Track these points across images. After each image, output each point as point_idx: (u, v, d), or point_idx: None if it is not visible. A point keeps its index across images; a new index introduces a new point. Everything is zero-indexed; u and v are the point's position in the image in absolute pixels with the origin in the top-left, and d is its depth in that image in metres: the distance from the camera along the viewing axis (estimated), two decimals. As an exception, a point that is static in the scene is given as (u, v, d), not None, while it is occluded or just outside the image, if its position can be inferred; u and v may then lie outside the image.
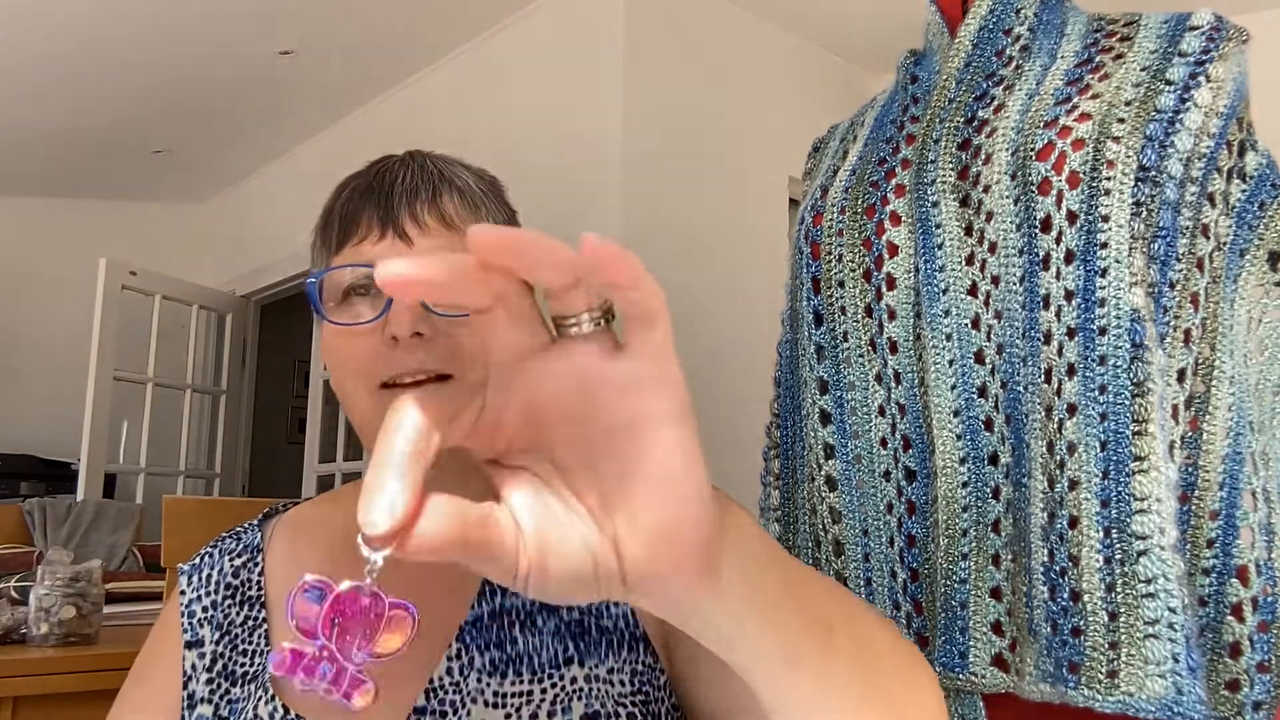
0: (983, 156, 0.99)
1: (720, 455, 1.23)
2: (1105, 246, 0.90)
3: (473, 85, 3.02)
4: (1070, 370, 0.90)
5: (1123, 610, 0.84)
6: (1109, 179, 0.90)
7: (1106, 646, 0.84)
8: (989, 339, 0.98)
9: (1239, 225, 0.97)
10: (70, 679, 1.43)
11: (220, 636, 0.72)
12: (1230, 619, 0.88)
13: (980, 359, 0.98)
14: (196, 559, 0.78)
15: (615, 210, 2.45)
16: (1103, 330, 0.89)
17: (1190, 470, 0.91)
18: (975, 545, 0.96)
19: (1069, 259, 0.91)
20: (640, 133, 2.51)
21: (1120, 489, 0.86)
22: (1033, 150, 0.94)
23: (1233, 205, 0.97)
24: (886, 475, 1.05)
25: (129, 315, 3.73)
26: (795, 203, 2.81)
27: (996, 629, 0.94)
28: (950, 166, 1.02)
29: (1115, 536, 0.85)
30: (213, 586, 0.75)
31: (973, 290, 0.99)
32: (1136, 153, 0.91)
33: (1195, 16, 0.99)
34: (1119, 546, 0.85)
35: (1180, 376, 0.92)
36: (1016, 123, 0.97)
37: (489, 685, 0.64)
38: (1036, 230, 0.93)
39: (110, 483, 3.80)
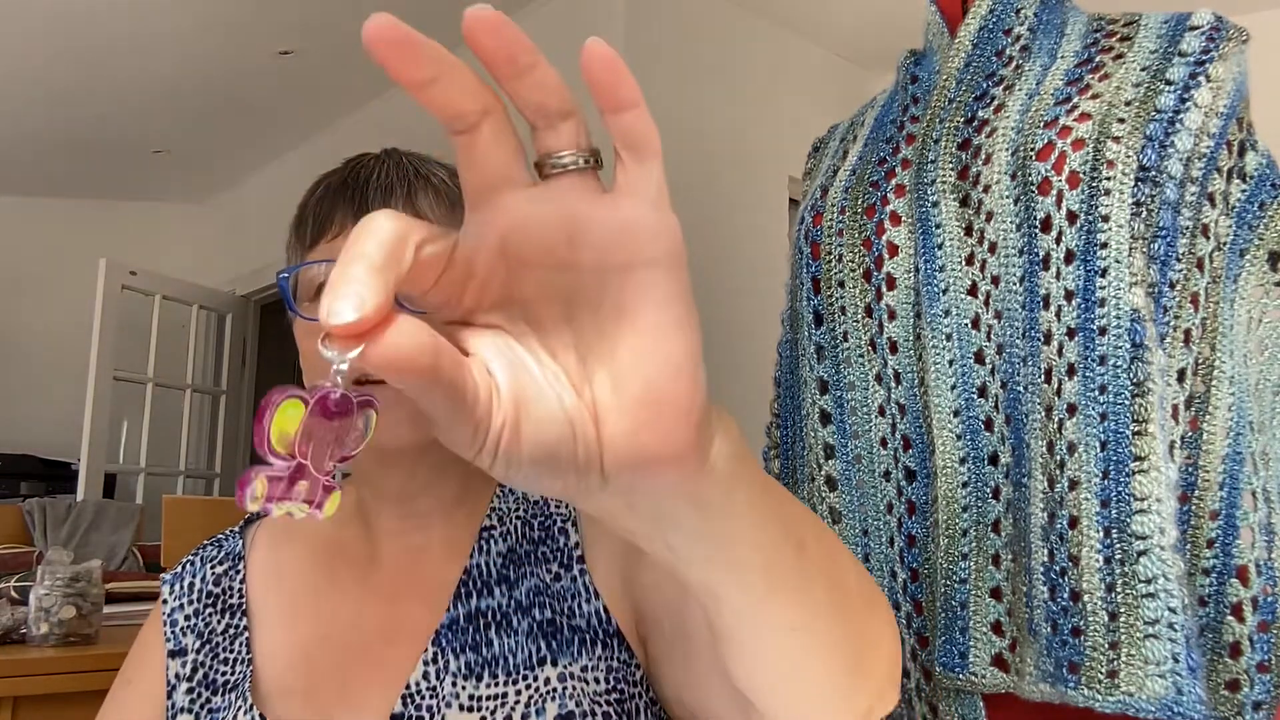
0: (983, 156, 0.99)
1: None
2: (1105, 246, 0.90)
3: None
4: (1070, 370, 0.90)
5: (1123, 610, 0.84)
6: (1109, 179, 0.90)
7: (1106, 646, 0.84)
8: (989, 339, 0.98)
9: (1239, 225, 0.97)
10: (70, 679, 1.43)
11: (201, 645, 0.72)
12: (1230, 619, 0.88)
13: (980, 359, 0.98)
14: (179, 567, 0.78)
15: (615, 210, 2.45)
16: (1103, 330, 0.89)
17: (1190, 470, 0.91)
18: (975, 545, 0.96)
19: (1069, 259, 0.91)
20: (640, 133, 2.51)
21: (1120, 489, 0.86)
22: (1033, 150, 0.94)
23: (1233, 205, 0.97)
24: (886, 475, 1.05)
25: (129, 315, 3.73)
26: (795, 203, 2.81)
27: (996, 629, 0.94)
28: (950, 166, 1.02)
29: (1115, 536, 0.85)
30: (196, 595, 0.75)
31: (973, 290, 0.99)
32: (1136, 153, 0.91)
33: (1195, 16, 0.99)
34: (1119, 546, 0.85)
35: (1180, 376, 0.92)
36: (1016, 122, 0.97)
37: (464, 688, 0.64)
38: (1036, 230, 0.93)
39: (110, 483, 3.80)
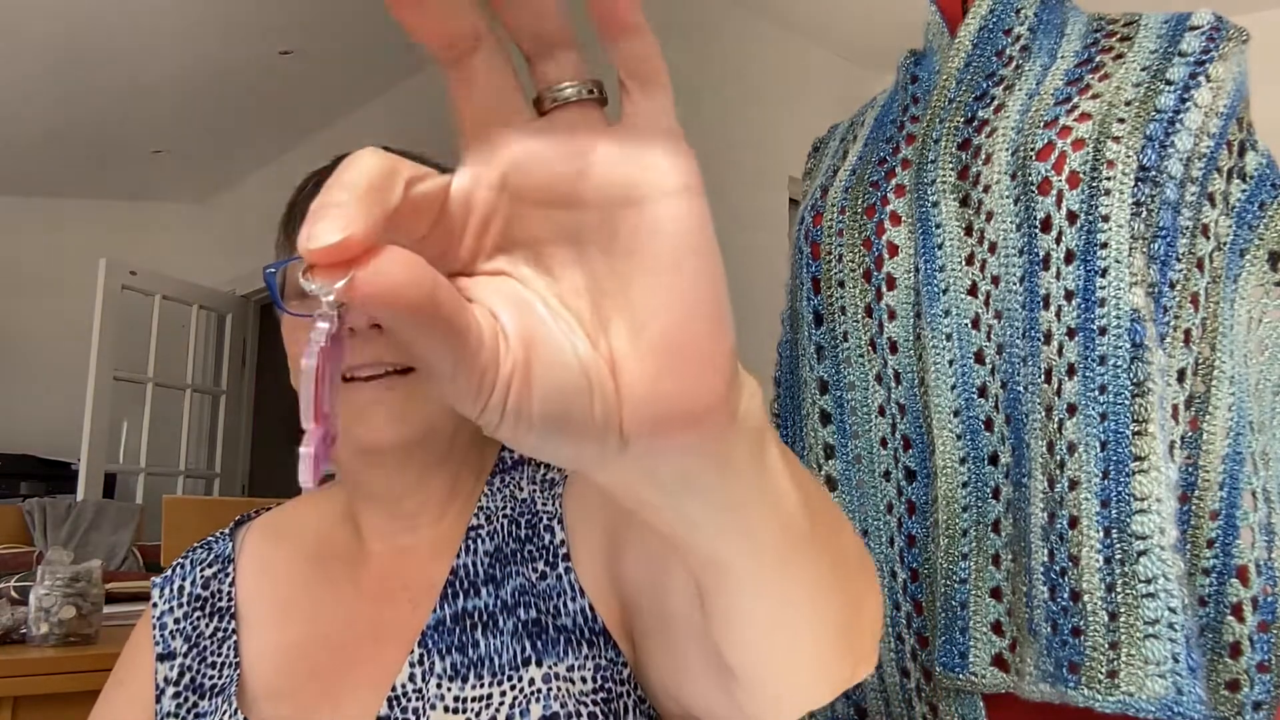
0: (983, 156, 0.99)
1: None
2: (1105, 246, 0.90)
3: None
4: (1070, 370, 0.90)
5: (1123, 610, 0.84)
6: (1109, 179, 0.90)
7: (1106, 646, 0.84)
8: (989, 339, 0.98)
9: (1239, 225, 0.97)
10: (70, 679, 1.43)
11: (189, 649, 0.72)
12: (1230, 619, 0.88)
13: (980, 359, 0.98)
14: (169, 570, 0.78)
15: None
16: (1103, 330, 0.89)
17: (1190, 470, 0.91)
18: (975, 545, 0.96)
19: (1069, 259, 0.91)
20: (640, 133, 2.51)
21: (1120, 489, 0.86)
22: (1033, 150, 0.94)
23: (1233, 205, 0.97)
24: (886, 475, 1.05)
25: (129, 315, 3.73)
26: (795, 203, 2.81)
27: (996, 629, 0.94)
28: (950, 166, 1.02)
29: (1115, 536, 0.85)
30: (185, 598, 0.74)
31: (973, 290, 0.99)
32: (1136, 152, 0.91)
33: (1195, 16, 0.98)
34: (1119, 546, 0.85)
35: (1180, 376, 0.92)
36: (1016, 122, 0.97)
37: (449, 690, 0.63)
38: (1036, 230, 0.93)
39: (110, 483, 3.81)
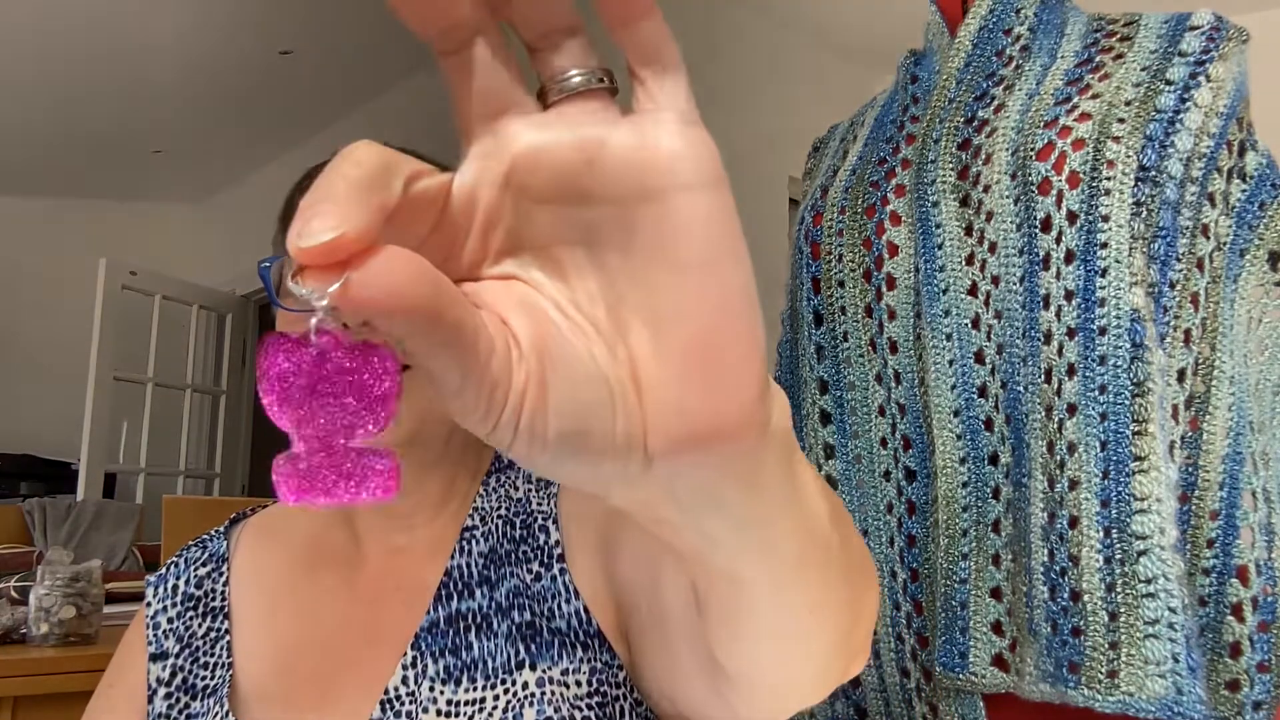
0: (983, 156, 0.99)
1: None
2: (1105, 246, 0.90)
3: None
4: (1070, 370, 0.90)
5: (1123, 610, 0.84)
6: (1109, 179, 0.90)
7: (1106, 646, 0.84)
8: (989, 339, 0.98)
9: (1239, 225, 0.97)
10: (70, 679, 1.43)
11: (181, 649, 0.71)
12: (1230, 619, 0.88)
13: (980, 359, 0.98)
14: (164, 569, 0.77)
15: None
16: (1103, 330, 0.89)
17: (1190, 470, 0.91)
18: (975, 545, 0.96)
19: (1069, 259, 0.91)
20: (640, 133, 2.51)
21: (1120, 489, 0.86)
22: (1033, 150, 0.94)
23: (1233, 205, 0.97)
24: (886, 475, 1.05)
25: (129, 315, 3.73)
26: (795, 203, 2.81)
27: (997, 629, 0.94)
28: (950, 166, 1.02)
29: (1115, 536, 0.85)
30: (179, 598, 0.74)
31: (973, 290, 0.99)
32: (1136, 152, 0.91)
33: (1195, 16, 0.98)
34: (1119, 546, 0.85)
35: (1180, 376, 0.92)
36: (1016, 122, 0.97)
37: (442, 693, 0.62)
38: (1036, 230, 0.93)
39: (110, 483, 3.80)
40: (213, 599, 0.73)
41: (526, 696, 0.60)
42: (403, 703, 0.63)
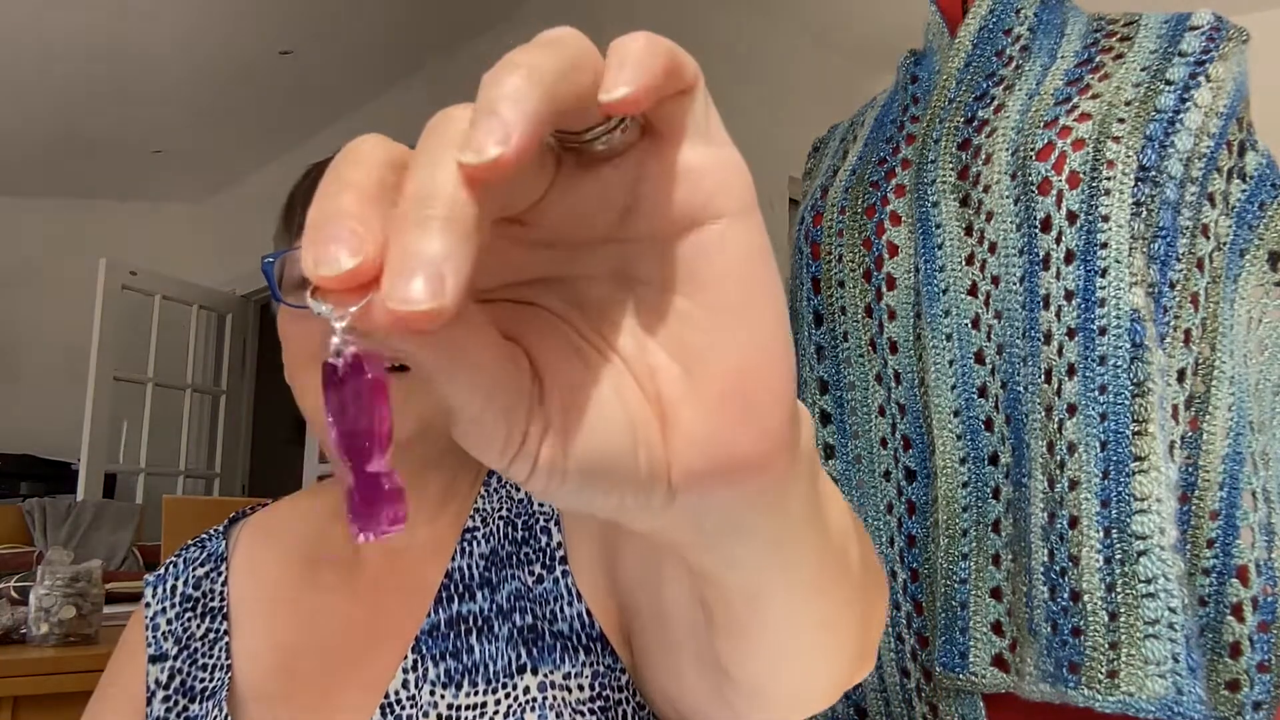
0: (983, 156, 0.99)
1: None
2: (1105, 246, 0.90)
3: (473, 85, 3.01)
4: (1070, 370, 0.90)
5: (1123, 610, 0.84)
6: (1109, 179, 0.90)
7: (1106, 646, 0.84)
8: (989, 339, 0.98)
9: (1239, 225, 0.97)
10: (70, 679, 1.43)
11: (180, 651, 0.70)
12: (1230, 619, 0.88)
13: (980, 359, 0.98)
14: (162, 569, 0.76)
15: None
16: (1103, 330, 0.89)
17: (1190, 470, 0.91)
18: (975, 545, 0.96)
19: (1069, 259, 0.91)
20: (640, 133, 2.51)
21: (1120, 489, 0.86)
22: (1033, 150, 0.94)
23: (1233, 205, 0.97)
24: (886, 475, 1.05)
25: (129, 315, 3.73)
26: (795, 203, 2.81)
27: (997, 629, 0.94)
28: (950, 166, 1.02)
29: (1115, 536, 0.85)
30: (177, 598, 0.73)
31: (973, 290, 0.99)
32: (1136, 153, 0.91)
33: (1195, 16, 0.98)
34: (1119, 546, 0.85)
35: (1180, 376, 0.92)
36: (1016, 123, 0.97)
37: (443, 697, 0.62)
38: (1036, 230, 0.93)
39: (110, 483, 3.81)
40: (211, 599, 0.72)
41: (528, 701, 0.59)
42: (403, 706, 0.62)
